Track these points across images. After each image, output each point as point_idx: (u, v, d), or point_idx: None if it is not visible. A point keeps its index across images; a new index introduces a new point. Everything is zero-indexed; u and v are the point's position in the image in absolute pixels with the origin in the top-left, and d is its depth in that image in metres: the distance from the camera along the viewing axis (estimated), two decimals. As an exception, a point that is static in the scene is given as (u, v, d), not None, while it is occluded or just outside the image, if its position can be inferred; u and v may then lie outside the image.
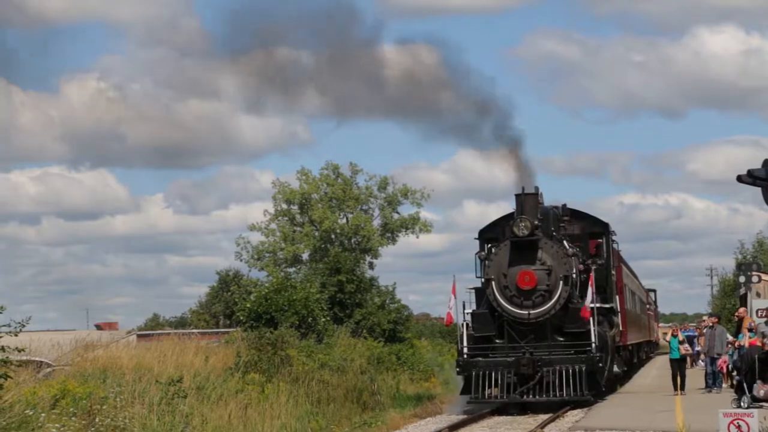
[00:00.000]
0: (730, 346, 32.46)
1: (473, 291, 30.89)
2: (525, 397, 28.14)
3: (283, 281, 42.75)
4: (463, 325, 29.69)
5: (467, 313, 29.98)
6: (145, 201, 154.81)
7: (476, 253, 30.53)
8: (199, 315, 71.48)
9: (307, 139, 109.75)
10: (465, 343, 29.34)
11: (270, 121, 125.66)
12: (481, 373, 28.35)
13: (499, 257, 29.35)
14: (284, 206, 69.95)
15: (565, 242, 30.12)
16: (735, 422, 17.09)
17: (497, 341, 29.38)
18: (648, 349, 57.99)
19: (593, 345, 28.44)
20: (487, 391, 28.27)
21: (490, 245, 30.52)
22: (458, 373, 29.23)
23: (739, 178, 19.64)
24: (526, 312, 28.84)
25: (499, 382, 28.18)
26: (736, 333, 31.90)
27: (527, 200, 29.48)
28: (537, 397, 28.14)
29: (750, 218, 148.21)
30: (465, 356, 29.16)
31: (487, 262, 29.59)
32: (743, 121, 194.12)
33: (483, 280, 29.73)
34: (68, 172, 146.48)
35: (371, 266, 68.06)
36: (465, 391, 28.83)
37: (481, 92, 32.77)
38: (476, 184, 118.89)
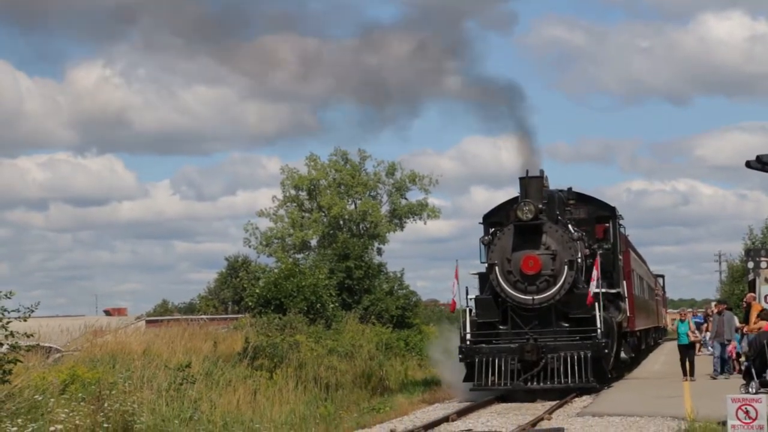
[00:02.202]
0: (738, 331, 32.46)
1: (477, 276, 30.37)
2: (529, 384, 27.63)
3: (291, 267, 42.81)
4: (465, 310, 29.13)
5: (470, 299, 29.43)
6: (152, 187, 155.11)
7: (480, 238, 30.06)
8: (208, 301, 71.47)
9: (313, 125, 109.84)
10: (468, 330, 28.82)
11: (277, 107, 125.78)
12: (484, 359, 27.84)
13: (503, 242, 28.80)
14: (293, 192, 70.02)
15: (570, 226, 29.65)
16: (743, 407, 17.09)
17: (501, 327, 28.83)
18: (656, 335, 57.93)
19: (599, 331, 27.93)
20: (490, 379, 27.75)
21: (494, 229, 30.01)
22: (461, 359, 28.60)
23: (748, 164, 19.69)
24: (530, 297, 28.30)
25: (503, 369, 27.67)
26: (745, 318, 31.87)
27: (531, 183, 28.85)
28: (541, 384, 27.60)
29: (758, 204, 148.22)
30: (468, 343, 28.63)
31: (490, 246, 29.05)
32: (750, 108, 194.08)
33: (486, 265, 29.24)
34: (75, 158, 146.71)
35: (379, 252, 68.17)
36: (468, 378, 28.31)
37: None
38: (483, 170, 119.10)
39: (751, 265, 43.36)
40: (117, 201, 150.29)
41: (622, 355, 32.17)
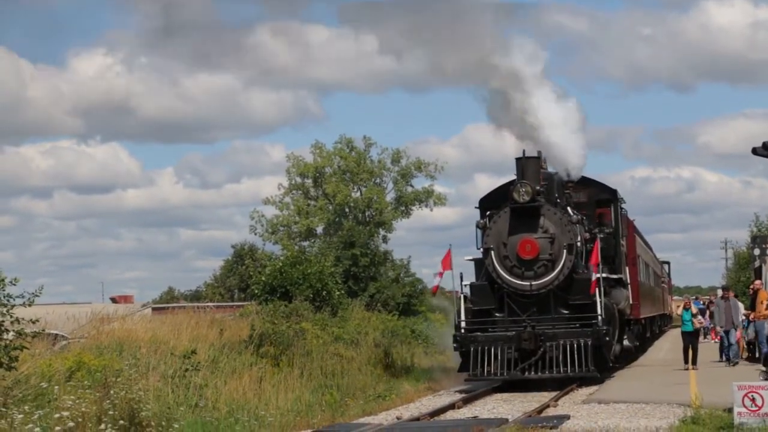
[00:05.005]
0: (744, 317, 32.42)
1: (473, 262, 29.42)
2: (527, 373, 26.79)
3: (297, 255, 42.83)
4: (460, 297, 28.23)
5: (465, 286, 28.53)
6: (157, 175, 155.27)
7: (476, 222, 28.97)
8: (214, 288, 71.52)
9: (317, 112, 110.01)
10: (462, 317, 27.90)
11: (280, 95, 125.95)
12: (480, 348, 26.96)
13: (499, 225, 27.78)
14: (298, 180, 70.02)
15: (569, 209, 28.68)
16: (749, 395, 17.08)
17: (497, 315, 27.90)
18: (662, 323, 57.88)
19: (599, 317, 26.95)
20: (486, 368, 26.87)
21: (489, 212, 28.85)
22: (455, 348, 27.76)
23: (754, 151, 19.63)
24: (528, 283, 27.34)
25: (499, 358, 26.78)
26: (751, 305, 31.85)
27: (529, 164, 27.71)
28: (539, 373, 26.75)
29: (763, 191, 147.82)
30: (463, 331, 27.71)
31: (486, 230, 27.99)
32: (754, 95, 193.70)
33: (482, 249, 28.24)
34: (78, 146, 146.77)
35: (385, 240, 68.15)
36: (463, 367, 27.55)
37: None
38: (487, 158, 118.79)
39: (757, 252, 43.37)
40: (121, 189, 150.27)
41: (626, 343, 31.52)
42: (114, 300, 72.78)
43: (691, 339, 30.96)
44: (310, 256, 44.61)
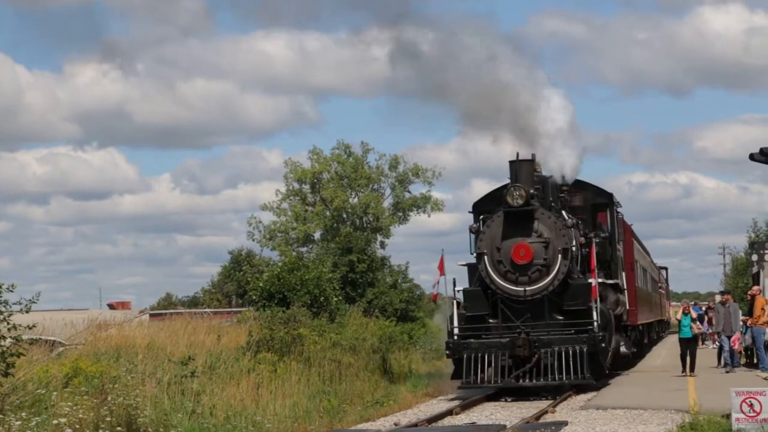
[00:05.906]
0: (742, 324, 32.40)
1: (466, 267, 28.98)
2: (521, 381, 26.35)
3: (295, 261, 42.81)
4: (453, 303, 27.77)
5: (458, 291, 28.13)
6: (154, 181, 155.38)
7: (469, 227, 28.43)
8: (212, 294, 71.53)
9: (315, 118, 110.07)
10: (455, 324, 27.47)
11: (278, 100, 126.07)
12: (473, 355, 26.49)
13: (492, 230, 27.32)
14: (295, 186, 69.98)
15: (564, 213, 28.26)
16: (747, 400, 17.07)
17: (491, 321, 27.48)
18: (659, 329, 57.81)
19: (595, 324, 26.51)
20: (480, 375, 26.38)
21: (483, 217, 28.43)
22: (448, 356, 27.38)
23: (752, 157, 19.64)
24: (522, 288, 26.90)
25: (493, 365, 26.32)
26: (749, 311, 31.84)
27: (522, 167, 27.23)
28: (534, 380, 26.28)
29: (760, 196, 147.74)
30: (455, 338, 27.26)
31: (479, 235, 27.57)
32: (750, 100, 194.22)
33: (475, 254, 27.82)
34: (75, 152, 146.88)
35: (382, 245, 68.09)
36: (456, 375, 27.09)
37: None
38: (484, 164, 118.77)
39: (755, 258, 43.33)
40: (118, 195, 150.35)
41: (623, 349, 31.22)
42: (111, 306, 72.75)
43: (689, 345, 30.58)
44: (307, 261, 44.60)
